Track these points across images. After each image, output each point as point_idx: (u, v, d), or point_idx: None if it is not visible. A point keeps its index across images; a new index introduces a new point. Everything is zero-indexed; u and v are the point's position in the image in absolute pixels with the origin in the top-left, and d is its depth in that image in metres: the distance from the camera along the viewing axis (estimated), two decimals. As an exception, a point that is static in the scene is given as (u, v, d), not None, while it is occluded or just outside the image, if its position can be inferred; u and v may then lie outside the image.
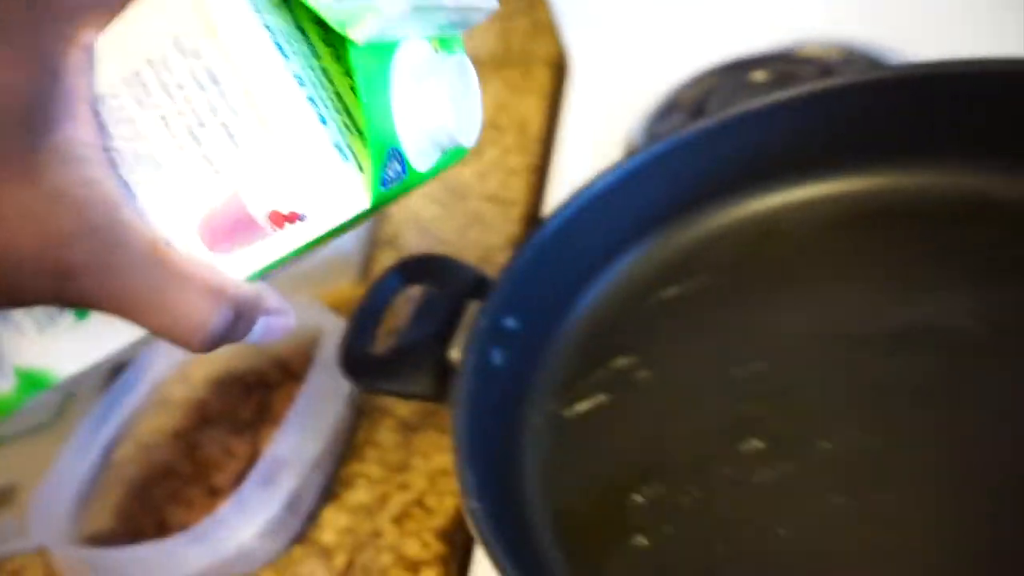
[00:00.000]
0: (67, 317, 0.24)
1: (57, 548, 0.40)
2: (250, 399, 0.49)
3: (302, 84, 0.20)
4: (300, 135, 0.20)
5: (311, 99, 0.21)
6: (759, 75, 0.54)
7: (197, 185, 0.21)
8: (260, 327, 0.23)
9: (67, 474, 0.46)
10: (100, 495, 0.48)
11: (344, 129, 0.21)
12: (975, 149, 0.39)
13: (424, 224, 0.62)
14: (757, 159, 0.43)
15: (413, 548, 0.39)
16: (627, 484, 0.34)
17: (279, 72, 0.20)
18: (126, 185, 0.22)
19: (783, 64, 0.54)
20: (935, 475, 0.29)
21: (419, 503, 0.41)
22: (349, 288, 0.59)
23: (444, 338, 0.37)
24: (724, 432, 0.34)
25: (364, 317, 0.39)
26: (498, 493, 0.33)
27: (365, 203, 0.21)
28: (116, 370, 0.57)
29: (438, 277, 0.39)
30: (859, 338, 0.35)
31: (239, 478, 0.43)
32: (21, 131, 0.19)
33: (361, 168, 0.21)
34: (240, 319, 0.22)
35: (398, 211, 0.65)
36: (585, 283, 0.42)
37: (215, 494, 0.44)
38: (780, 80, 0.52)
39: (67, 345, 0.25)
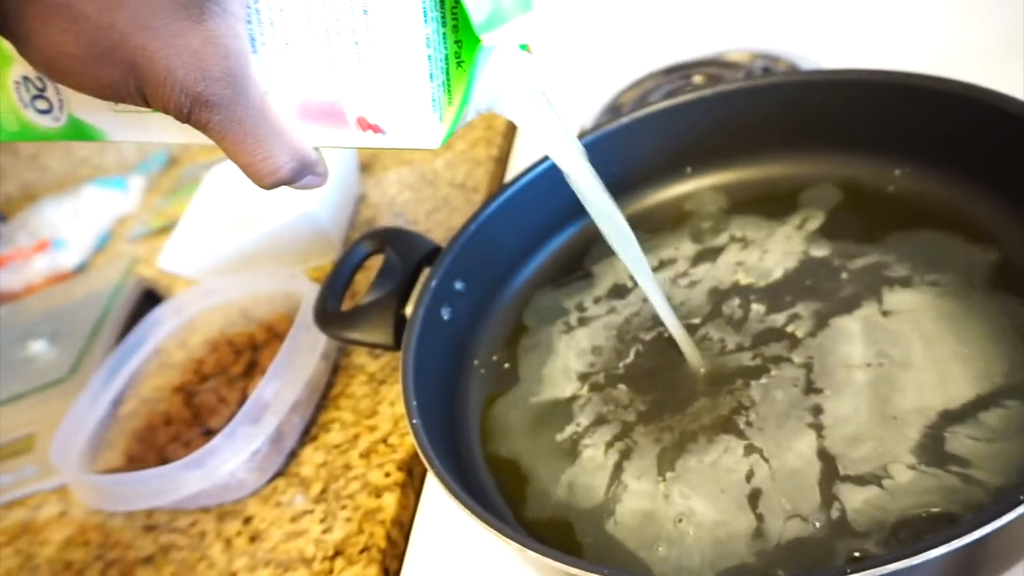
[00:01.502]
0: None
1: (73, 477, 0.47)
2: (241, 357, 0.56)
3: (426, 21, 0.24)
4: (411, 77, 0.24)
5: (428, 44, 0.24)
6: (693, 78, 0.61)
7: (313, 73, 0.25)
8: (306, 180, 0.28)
9: (81, 421, 0.53)
10: (109, 444, 0.55)
11: (445, 81, 0.25)
12: (859, 144, 0.46)
13: (398, 208, 0.69)
14: (677, 148, 0.50)
15: (377, 477, 0.46)
16: (551, 424, 0.41)
17: (415, 15, 0.24)
18: (254, 42, 0.25)
19: (713, 68, 0.61)
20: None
21: (384, 441, 0.48)
22: (331, 264, 0.66)
23: (401, 297, 0.44)
24: (631, 377, 0.41)
25: (335, 280, 0.46)
26: (442, 426, 0.40)
27: (435, 146, 0.26)
28: (123, 334, 0.64)
29: (398, 247, 0.46)
30: (750, 288, 0.42)
31: (230, 421, 0.50)
32: None
33: (442, 119, 0.26)
34: (299, 173, 0.27)
35: (375, 195, 0.72)
36: (526, 256, 0.49)
37: (210, 435, 0.51)
38: (711, 82, 0.59)
39: (127, 120, 0.29)
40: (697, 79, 0.63)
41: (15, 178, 1.13)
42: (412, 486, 0.46)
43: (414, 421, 0.35)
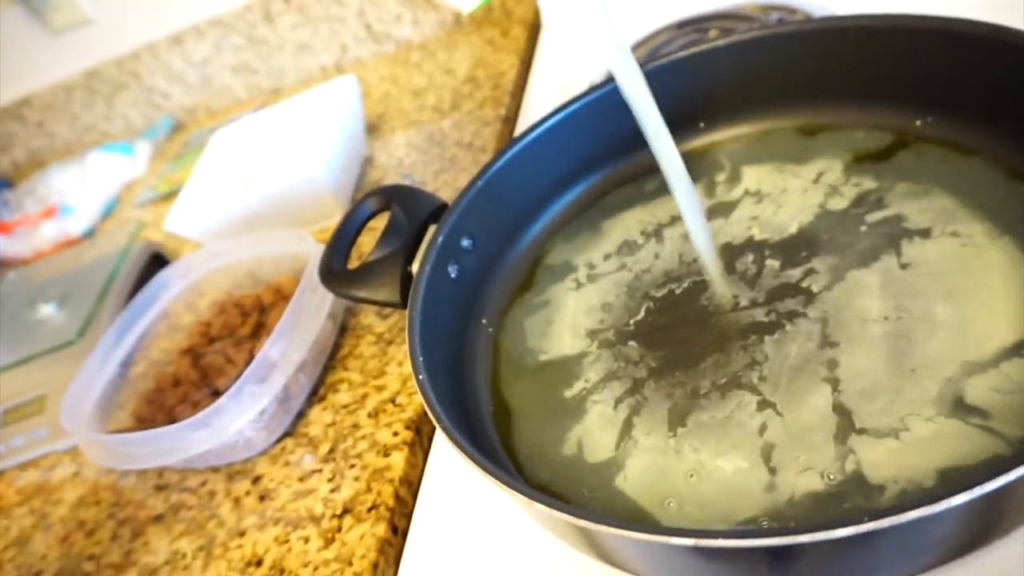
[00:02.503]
0: None
1: (84, 437, 0.47)
2: (248, 319, 0.56)
3: None
4: None
5: None
6: (708, 32, 0.59)
7: None
8: None
9: (90, 382, 0.53)
10: (119, 406, 0.55)
11: None
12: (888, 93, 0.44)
13: (405, 169, 0.68)
14: (690, 103, 0.49)
15: (385, 436, 0.46)
16: (559, 381, 0.40)
17: None
18: None
19: (728, 21, 0.59)
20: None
21: (392, 401, 0.48)
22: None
23: (408, 255, 0.43)
24: (639, 328, 0.40)
25: (340, 238, 0.45)
26: (448, 384, 0.39)
27: (465, 10, 0.25)
28: (130, 297, 0.64)
29: (404, 204, 0.45)
30: (764, 243, 0.41)
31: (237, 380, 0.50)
32: None
33: None
34: None
35: (382, 157, 0.71)
36: (535, 213, 0.48)
37: (218, 395, 0.51)
38: (723, 34, 0.57)
39: None
40: (712, 33, 0.61)
41: (22, 144, 1.13)
42: (420, 445, 0.45)
43: (420, 376, 0.35)
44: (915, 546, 0.25)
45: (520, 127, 0.66)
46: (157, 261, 0.72)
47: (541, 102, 0.67)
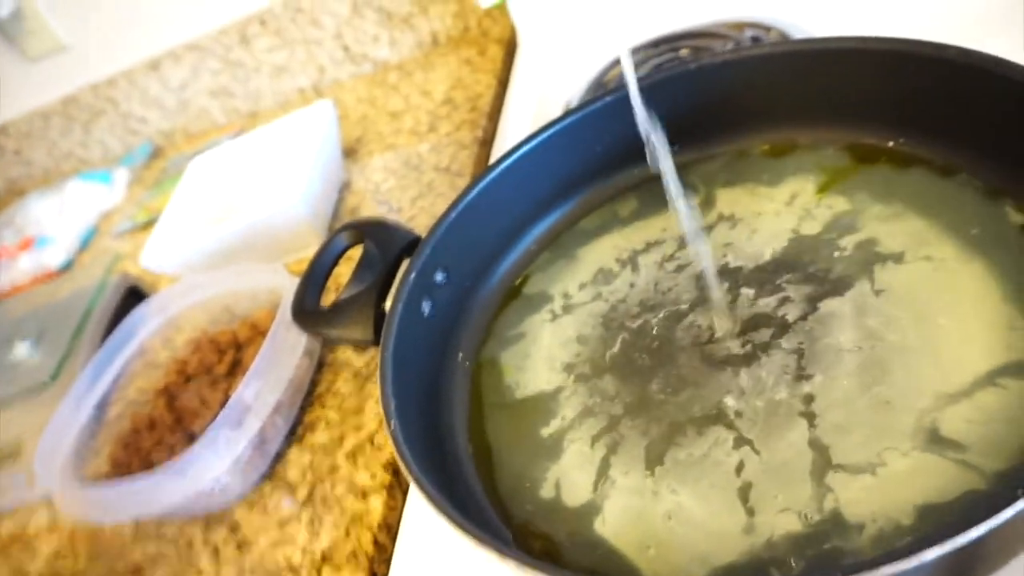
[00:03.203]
0: None
1: (59, 488, 0.46)
2: (224, 357, 0.55)
3: None
4: None
5: None
6: (680, 51, 0.58)
7: None
8: None
9: (66, 426, 0.52)
10: (96, 448, 0.54)
11: None
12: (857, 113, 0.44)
13: (382, 195, 0.67)
14: (665, 124, 0.48)
15: (364, 478, 0.45)
16: (536, 419, 0.39)
17: None
18: None
19: (701, 40, 0.58)
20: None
21: (370, 441, 0.47)
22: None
23: (381, 291, 0.42)
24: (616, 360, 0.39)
25: (313, 275, 0.44)
26: (424, 426, 0.39)
27: (483, 5, 0.24)
28: (107, 334, 0.63)
29: (377, 238, 0.44)
30: (739, 271, 0.40)
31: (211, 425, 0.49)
32: None
33: None
34: None
35: (359, 183, 0.71)
36: (509, 243, 0.48)
37: (193, 439, 0.50)
38: (695, 55, 0.56)
39: None
40: (684, 52, 0.61)
41: (0, 173, 1.12)
42: (399, 487, 0.45)
43: (392, 424, 0.34)
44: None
45: (497, 149, 0.65)
46: (134, 295, 0.71)
47: (518, 123, 0.66)
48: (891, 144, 0.42)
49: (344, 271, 0.58)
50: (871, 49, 0.40)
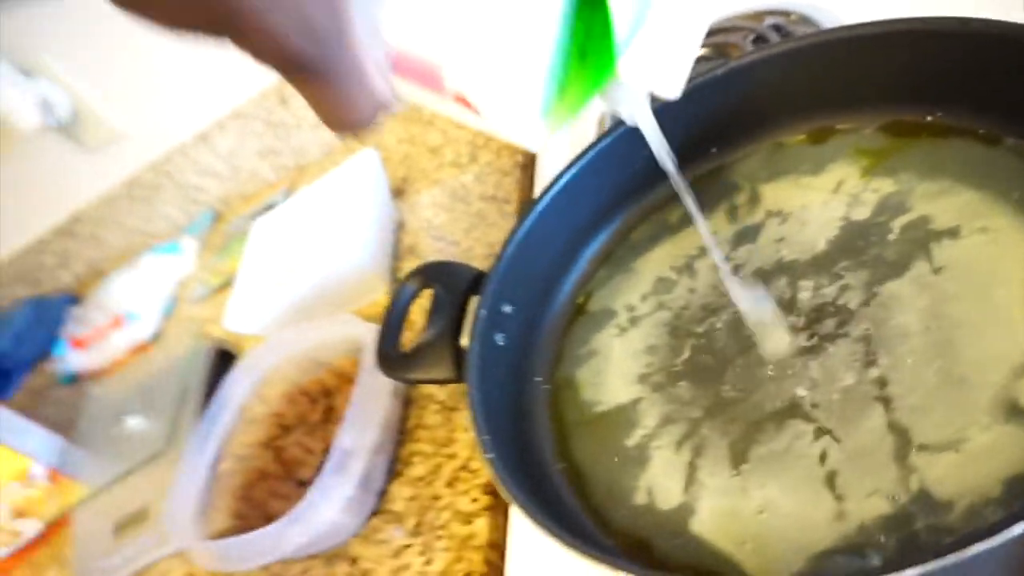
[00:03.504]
0: None
1: (191, 545, 0.51)
2: (316, 405, 0.59)
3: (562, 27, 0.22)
4: (527, 69, 0.22)
5: (561, 39, 0.22)
6: (702, 48, 0.60)
7: (417, 32, 0.23)
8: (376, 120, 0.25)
9: (187, 487, 0.57)
10: (214, 504, 0.59)
11: (566, 78, 0.23)
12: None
13: (436, 230, 0.70)
14: (699, 131, 0.50)
15: (465, 503, 0.48)
16: (618, 431, 0.42)
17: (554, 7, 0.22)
18: None
19: (719, 36, 0.60)
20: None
21: (465, 467, 0.50)
22: (383, 299, 0.68)
23: (455, 330, 0.45)
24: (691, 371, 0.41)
25: (389, 324, 0.48)
26: (516, 450, 0.41)
27: (532, 146, 0.25)
28: (204, 396, 0.68)
29: (443, 280, 0.47)
30: (795, 264, 0.42)
31: (320, 470, 0.53)
32: None
33: (545, 117, 0.23)
34: (372, 120, 0.24)
35: (412, 221, 0.74)
36: (566, 267, 0.50)
37: (303, 485, 0.54)
38: (719, 58, 0.58)
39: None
40: (706, 51, 0.62)
41: (79, 258, 1.19)
42: (500, 508, 0.47)
43: (490, 456, 0.37)
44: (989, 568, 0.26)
45: (538, 172, 0.68)
46: (222, 356, 0.76)
47: (555, 144, 0.69)
48: (929, 119, 0.43)
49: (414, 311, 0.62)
50: (896, 31, 0.41)
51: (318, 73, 0.22)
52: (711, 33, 0.62)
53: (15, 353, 1.07)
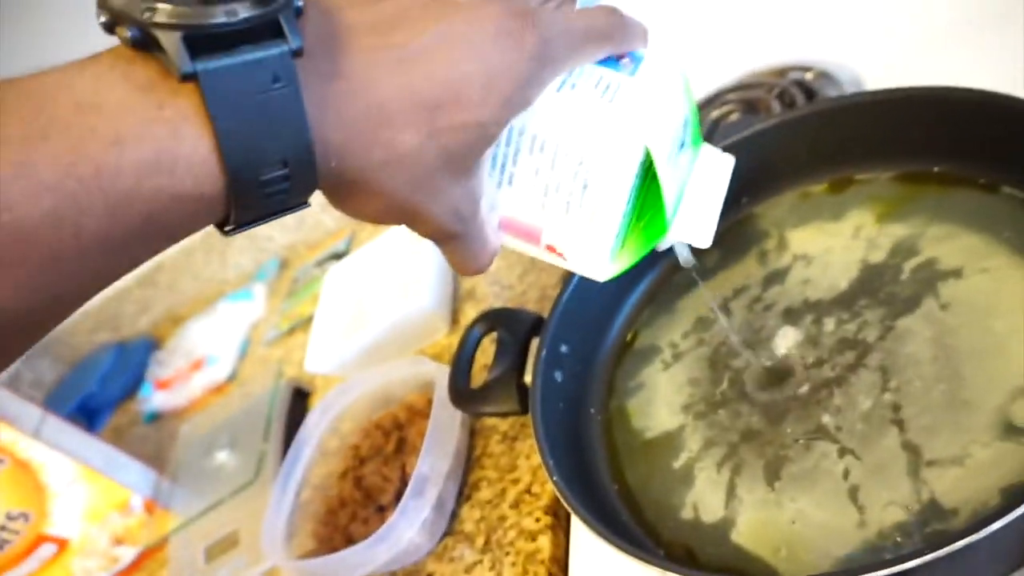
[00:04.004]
0: None
1: (286, 564, 0.57)
2: (390, 438, 0.65)
3: (627, 208, 0.32)
4: (601, 239, 0.32)
5: (622, 221, 0.32)
6: (725, 106, 0.66)
7: (524, 206, 0.33)
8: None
9: (277, 514, 0.63)
10: (300, 528, 0.65)
11: (625, 239, 0.33)
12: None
13: (492, 275, 0.77)
14: (731, 184, 0.56)
15: (529, 523, 0.54)
16: (666, 455, 0.47)
17: (624, 193, 0.31)
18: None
19: (742, 92, 0.66)
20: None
21: (528, 491, 0.56)
22: (445, 338, 0.75)
23: (519, 369, 0.52)
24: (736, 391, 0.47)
25: (460, 363, 0.54)
26: (576, 473, 0.47)
27: (601, 280, 0.35)
28: (285, 430, 0.75)
29: (506, 325, 0.54)
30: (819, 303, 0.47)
31: (396, 495, 0.59)
32: (477, 154, 0.29)
33: (614, 261, 0.34)
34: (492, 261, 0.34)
35: (470, 270, 0.81)
36: (614, 309, 0.56)
37: (382, 510, 0.60)
38: (747, 118, 0.64)
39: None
40: (732, 108, 0.67)
41: (159, 305, 1.30)
42: (561, 526, 0.53)
43: (555, 478, 0.42)
44: (985, 559, 0.31)
45: (584, 221, 0.74)
46: (297, 394, 0.84)
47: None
48: (936, 169, 0.48)
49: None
50: (904, 97, 0.47)
51: (458, 239, 0.32)
52: (738, 89, 0.68)
53: (101, 394, 1.17)
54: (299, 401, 0.83)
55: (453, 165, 0.29)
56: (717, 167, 0.37)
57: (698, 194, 0.36)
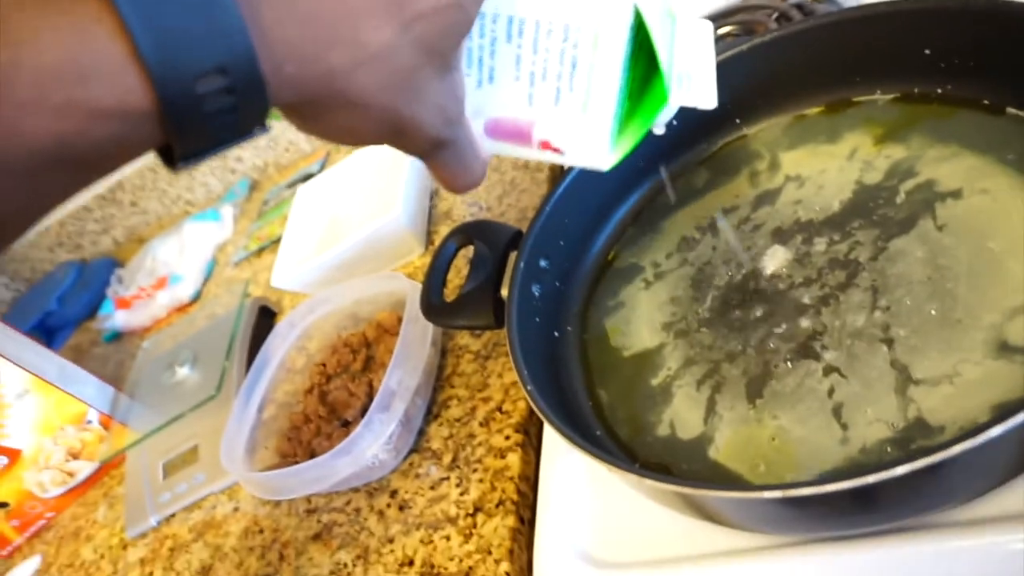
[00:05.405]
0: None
1: (246, 476, 0.55)
2: (358, 355, 0.63)
3: (622, 83, 0.29)
4: (599, 123, 0.29)
5: (619, 100, 0.29)
6: (721, 28, 0.63)
7: (510, 103, 0.30)
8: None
9: (237, 430, 0.61)
10: (262, 444, 0.63)
11: (623, 122, 0.30)
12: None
13: (470, 196, 0.74)
14: (723, 105, 0.53)
15: (498, 441, 0.52)
16: (644, 372, 0.45)
17: (618, 66, 0.28)
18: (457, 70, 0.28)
19: (742, 14, 0.63)
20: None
21: (499, 409, 0.54)
22: (419, 259, 0.73)
23: (496, 282, 0.49)
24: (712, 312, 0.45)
25: (434, 276, 0.52)
26: (550, 388, 0.45)
27: (604, 169, 0.32)
28: (249, 348, 0.72)
29: (484, 237, 0.51)
30: (811, 223, 0.45)
31: (363, 411, 0.57)
32: (457, 40, 0.26)
33: (614, 150, 0.31)
34: (484, 173, 0.32)
35: (448, 191, 0.78)
36: (597, 227, 0.54)
37: (347, 425, 0.58)
38: (743, 35, 0.61)
39: None
40: (731, 28, 0.65)
41: (120, 224, 1.25)
42: (531, 444, 0.52)
43: (528, 388, 0.41)
44: (968, 473, 0.29)
45: (569, 143, 0.71)
46: (264, 312, 0.81)
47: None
48: (939, 91, 0.46)
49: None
50: (908, 10, 0.44)
51: (449, 148, 0.29)
52: (737, 12, 0.65)
53: (61, 312, 1.13)
54: (265, 320, 0.81)
55: (433, 58, 0.26)
56: (698, 33, 0.34)
57: (688, 59, 0.33)
